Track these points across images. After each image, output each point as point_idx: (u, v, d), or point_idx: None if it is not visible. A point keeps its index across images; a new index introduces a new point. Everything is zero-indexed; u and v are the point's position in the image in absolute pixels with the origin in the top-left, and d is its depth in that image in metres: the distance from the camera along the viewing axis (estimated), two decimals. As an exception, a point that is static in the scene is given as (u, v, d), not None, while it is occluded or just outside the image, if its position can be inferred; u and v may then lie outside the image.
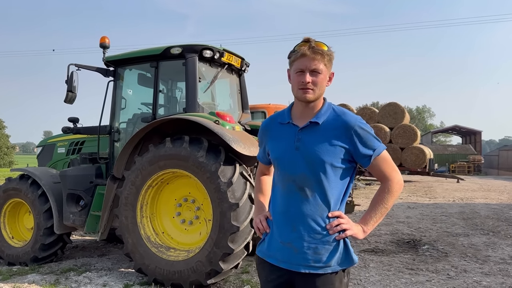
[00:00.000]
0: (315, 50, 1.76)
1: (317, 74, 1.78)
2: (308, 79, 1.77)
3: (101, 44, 5.53)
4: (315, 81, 1.78)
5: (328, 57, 1.79)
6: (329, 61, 1.80)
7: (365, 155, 1.79)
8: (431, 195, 14.50)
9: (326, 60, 1.78)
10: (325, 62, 1.78)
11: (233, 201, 4.16)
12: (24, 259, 5.50)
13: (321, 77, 1.79)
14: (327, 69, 1.81)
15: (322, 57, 1.77)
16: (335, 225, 1.77)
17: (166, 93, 5.67)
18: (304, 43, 1.79)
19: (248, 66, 5.92)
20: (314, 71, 1.77)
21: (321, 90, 1.82)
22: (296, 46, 1.82)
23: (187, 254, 4.47)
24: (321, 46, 1.78)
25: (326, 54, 1.78)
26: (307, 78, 1.77)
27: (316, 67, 1.77)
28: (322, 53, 1.77)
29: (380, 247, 6.41)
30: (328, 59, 1.79)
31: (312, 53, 1.76)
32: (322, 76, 1.79)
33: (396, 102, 20.28)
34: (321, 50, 1.77)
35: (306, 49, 1.76)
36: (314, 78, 1.78)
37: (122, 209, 4.71)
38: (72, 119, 5.83)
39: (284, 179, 1.85)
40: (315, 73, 1.78)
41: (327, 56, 1.78)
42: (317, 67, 1.77)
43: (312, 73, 1.77)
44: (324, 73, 1.79)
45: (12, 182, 5.73)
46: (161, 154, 4.49)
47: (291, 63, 1.84)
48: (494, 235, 7.34)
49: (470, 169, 33.05)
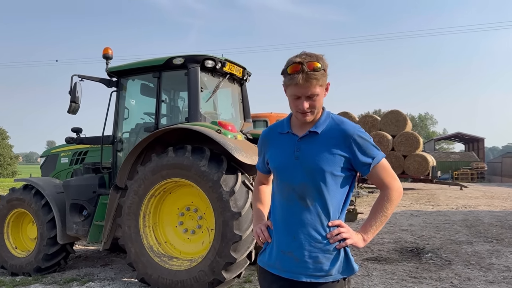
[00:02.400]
0: (308, 77, 1.70)
1: (314, 97, 1.76)
2: (305, 105, 1.76)
3: (104, 55, 5.60)
4: (313, 105, 1.77)
5: (322, 76, 1.74)
6: (323, 77, 1.75)
7: (364, 164, 1.80)
8: (434, 202, 14.45)
9: (321, 81, 1.74)
10: (320, 83, 1.74)
11: (236, 210, 4.18)
12: (27, 269, 5.51)
13: (319, 98, 1.77)
14: (323, 87, 1.78)
15: (317, 81, 1.72)
16: (336, 234, 1.78)
17: (169, 103, 5.72)
18: (296, 65, 1.72)
19: (250, 76, 5.97)
20: (311, 96, 1.75)
21: (319, 108, 1.82)
22: (288, 66, 1.75)
23: (190, 263, 4.48)
24: (314, 65, 1.71)
25: (320, 75, 1.73)
26: (304, 105, 1.76)
27: (312, 93, 1.74)
28: (316, 78, 1.72)
29: (383, 255, 6.39)
30: (322, 77, 1.74)
31: (306, 81, 1.71)
32: (319, 97, 1.78)
33: (398, 110, 20.31)
34: (315, 75, 1.71)
35: (300, 77, 1.70)
36: (312, 102, 1.77)
37: (125, 219, 4.73)
38: (76, 129, 5.88)
39: (284, 188, 1.86)
40: (312, 98, 1.76)
41: (321, 76, 1.73)
42: (313, 93, 1.74)
43: (309, 98, 1.76)
44: (321, 93, 1.77)
45: (16, 193, 5.76)
46: (164, 164, 4.52)
47: (286, 86, 1.80)
48: (498, 243, 7.30)
49: (473, 176, 32.96)
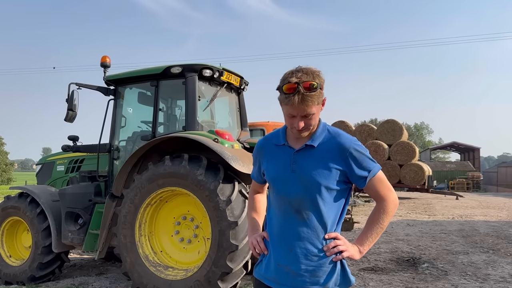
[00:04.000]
0: (304, 98, 1.68)
1: (309, 116, 1.74)
2: (301, 124, 1.75)
3: (102, 63, 5.61)
4: (309, 123, 1.76)
5: (318, 95, 1.71)
6: (319, 97, 1.73)
7: (361, 177, 1.80)
8: (430, 212, 14.45)
9: (317, 101, 1.72)
10: (316, 102, 1.72)
11: (232, 219, 4.16)
12: (21, 278, 5.46)
13: (314, 116, 1.76)
14: (319, 105, 1.75)
15: (312, 102, 1.70)
16: (332, 246, 1.77)
17: (166, 111, 5.72)
18: (291, 85, 1.68)
19: (247, 85, 5.99)
20: (306, 115, 1.74)
21: (315, 125, 1.81)
22: (284, 84, 1.71)
23: (186, 273, 4.45)
24: (310, 85, 1.67)
25: (316, 95, 1.70)
26: (300, 124, 1.75)
27: (308, 113, 1.73)
28: (311, 99, 1.69)
29: (380, 265, 6.37)
30: (318, 96, 1.72)
31: (301, 103, 1.69)
32: (315, 116, 1.76)
33: (394, 119, 20.38)
34: (310, 96, 1.68)
35: (295, 99, 1.68)
36: (307, 121, 1.76)
37: (120, 228, 4.70)
38: (72, 137, 5.88)
39: (280, 201, 1.85)
40: (307, 117, 1.75)
41: (317, 96, 1.71)
42: (308, 112, 1.73)
43: (304, 117, 1.74)
44: (317, 111, 1.76)
45: (11, 200, 5.72)
46: (160, 172, 4.51)
47: (281, 103, 1.77)
48: (494, 253, 7.30)
49: (469, 186, 33.00)
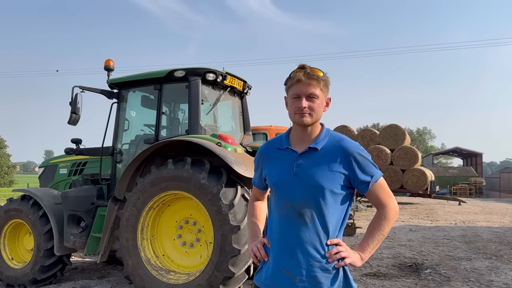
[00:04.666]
0: (310, 75, 1.77)
1: (313, 99, 1.79)
2: (304, 104, 1.78)
3: (106, 66, 5.63)
4: (312, 106, 1.79)
5: (323, 82, 1.80)
6: (325, 86, 1.81)
7: (363, 182, 1.79)
8: (432, 217, 14.39)
9: (322, 85, 1.80)
10: (321, 87, 1.79)
11: (235, 224, 4.15)
12: (23, 281, 5.45)
13: (318, 102, 1.80)
14: (324, 94, 1.82)
15: (317, 82, 1.78)
16: (334, 253, 1.75)
17: (169, 115, 5.73)
18: (299, 70, 1.81)
19: (250, 89, 6.00)
20: (310, 96, 1.78)
21: (318, 115, 1.83)
22: (291, 72, 1.84)
23: (188, 277, 4.44)
24: (316, 72, 1.79)
25: (322, 79, 1.79)
26: (303, 103, 1.78)
27: (312, 92, 1.78)
28: (317, 78, 1.78)
29: (382, 271, 6.34)
30: (323, 84, 1.80)
31: (307, 78, 1.77)
32: (319, 101, 1.80)
33: (397, 124, 20.32)
34: (316, 76, 1.78)
35: (302, 75, 1.77)
36: (311, 103, 1.79)
37: (122, 231, 4.69)
38: (75, 140, 5.89)
39: (282, 205, 1.83)
40: (311, 98, 1.79)
41: (323, 81, 1.79)
42: (313, 92, 1.78)
43: (309, 98, 1.79)
44: (320, 98, 1.81)
45: (14, 203, 5.73)
46: (163, 176, 4.51)
47: (288, 89, 1.85)
48: (497, 259, 7.26)
49: (472, 192, 32.87)
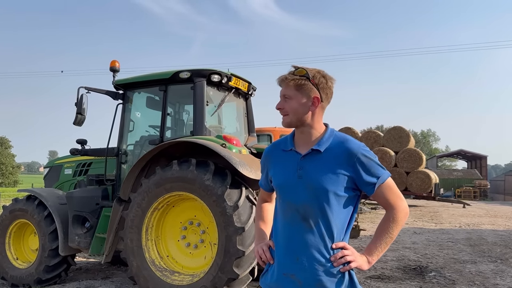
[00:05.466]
0: (281, 77, 1.81)
1: (286, 99, 1.81)
2: (277, 105, 1.84)
3: (111, 67, 5.65)
4: (284, 106, 1.82)
5: (301, 82, 1.76)
6: (304, 85, 1.76)
7: (369, 183, 1.74)
8: (437, 220, 14.33)
9: (298, 85, 1.77)
10: (293, 86, 1.78)
11: (239, 225, 4.15)
12: (27, 281, 5.47)
13: (291, 102, 1.79)
14: (300, 93, 1.78)
15: (287, 83, 1.79)
16: (340, 257, 1.70)
17: (174, 116, 5.74)
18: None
19: (255, 90, 6.00)
20: (285, 97, 1.82)
21: (297, 115, 1.80)
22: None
23: (192, 278, 4.44)
24: (300, 72, 1.78)
25: (299, 80, 1.77)
26: (277, 104, 1.84)
27: (284, 93, 1.81)
28: (286, 79, 1.79)
29: (387, 274, 6.31)
30: (301, 83, 1.76)
31: (280, 80, 1.83)
32: (292, 101, 1.79)
33: (401, 126, 20.28)
34: (291, 78, 1.78)
35: (279, 78, 1.83)
36: (284, 103, 1.82)
37: (127, 232, 4.70)
38: (80, 140, 5.92)
39: (287, 208, 1.80)
40: (285, 99, 1.82)
41: (295, 80, 1.77)
42: (285, 93, 1.81)
43: (284, 98, 1.82)
44: (295, 97, 1.78)
45: (19, 203, 5.76)
46: (168, 177, 4.51)
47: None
48: (502, 263, 7.22)
49: (476, 194, 32.73)
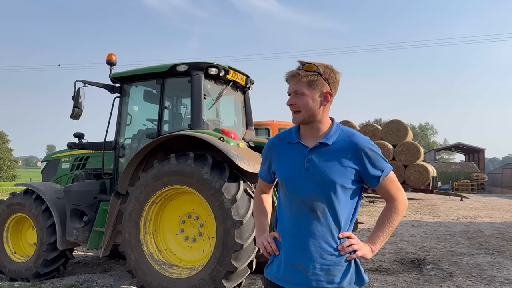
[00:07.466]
0: (292, 72, 1.79)
1: (298, 95, 1.79)
2: (289, 101, 1.82)
3: (108, 61, 5.61)
4: (295, 101, 1.80)
5: (312, 77, 1.77)
6: (315, 80, 1.77)
7: (374, 176, 1.81)
8: (434, 213, 14.38)
9: (310, 81, 1.77)
10: (307, 82, 1.77)
11: (237, 218, 4.15)
12: (26, 275, 5.47)
13: (304, 98, 1.79)
14: (313, 89, 1.78)
15: (302, 78, 1.77)
16: (347, 245, 1.78)
17: (171, 109, 5.72)
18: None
19: (253, 84, 5.97)
20: (297, 93, 1.80)
21: (310, 111, 1.80)
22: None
23: (190, 271, 4.44)
24: (307, 66, 1.78)
25: (310, 75, 1.76)
26: (288, 101, 1.83)
27: (296, 89, 1.79)
28: (298, 75, 1.77)
29: (384, 266, 6.34)
30: (313, 79, 1.77)
31: (291, 76, 1.80)
32: (305, 98, 1.78)
33: (399, 119, 20.31)
34: (303, 73, 1.76)
35: (289, 74, 1.81)
36: (296, 100, 1.80)
37: (125, 225, 4.70)
38: (78, 134, 5.90)
39: (293, 200, 1.83)
40: (297, 95, 1.80)
41: (312, 77, 1.76)
42: (297, 89, 1.79)
43: (296, 95, 1.80)
44: (307, 93, 1.78)
45: (16, 197, 5.75)
46: (166, 170, 4.50)
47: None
48: (499, 255, 7.25)
49: (474, 187, 32.89)
